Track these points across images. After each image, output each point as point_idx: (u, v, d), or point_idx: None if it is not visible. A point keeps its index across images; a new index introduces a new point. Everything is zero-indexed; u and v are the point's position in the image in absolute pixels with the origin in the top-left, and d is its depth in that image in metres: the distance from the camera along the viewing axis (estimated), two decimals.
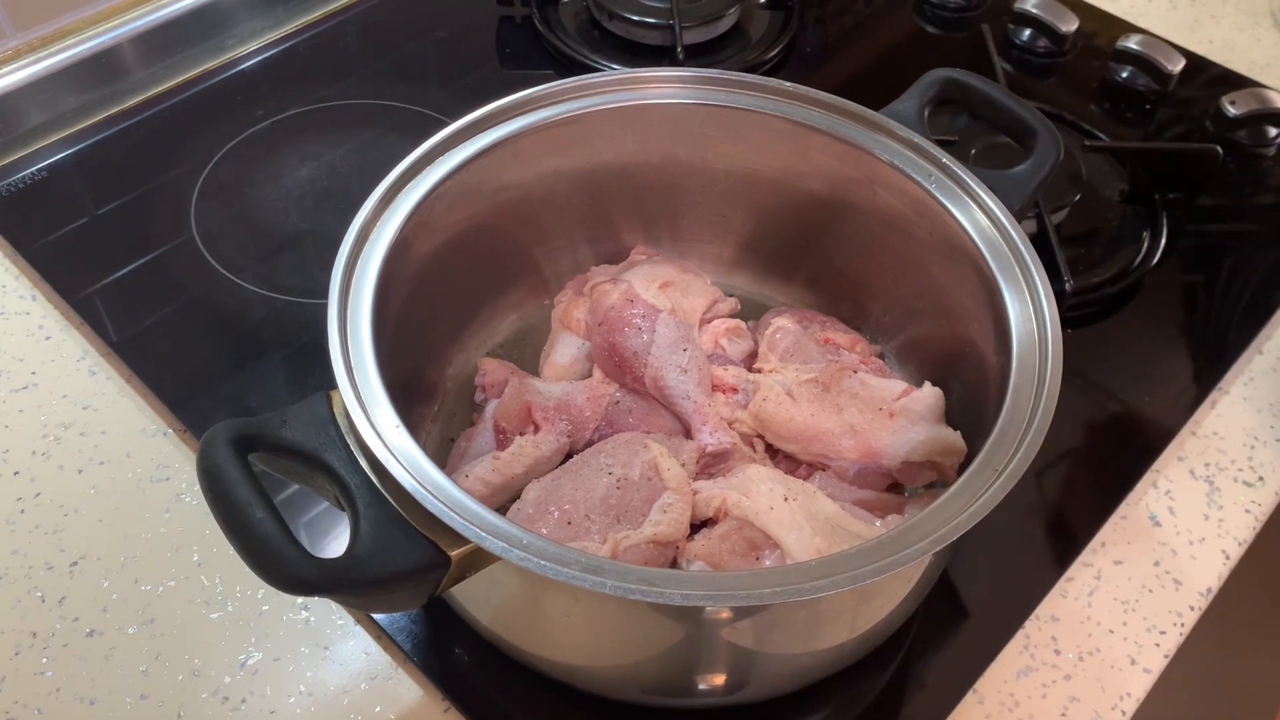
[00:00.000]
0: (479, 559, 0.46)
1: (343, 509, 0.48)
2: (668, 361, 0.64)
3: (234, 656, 0.59)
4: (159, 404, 0.69)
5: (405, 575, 0.45)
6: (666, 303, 0.66)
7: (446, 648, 0.59)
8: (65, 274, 0.76)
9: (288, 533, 0.44)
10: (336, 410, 0.49)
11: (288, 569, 0.44)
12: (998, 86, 0.66)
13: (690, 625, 0.49)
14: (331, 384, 0.50)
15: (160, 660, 0.58)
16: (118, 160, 0.85)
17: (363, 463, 0.48)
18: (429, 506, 0.45)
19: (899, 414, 0.61)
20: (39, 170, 0.83)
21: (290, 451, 0.48)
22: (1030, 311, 0.55)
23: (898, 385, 0.63)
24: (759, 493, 0.58)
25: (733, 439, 0.63)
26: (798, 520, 0.56)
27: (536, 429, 0.62)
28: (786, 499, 0.57)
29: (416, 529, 0.46)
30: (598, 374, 0.66)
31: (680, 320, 0.66)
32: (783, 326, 0.68)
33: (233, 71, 0.93)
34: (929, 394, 0.62)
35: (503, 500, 0.60)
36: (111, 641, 0.59)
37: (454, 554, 0.46)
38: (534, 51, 0.97)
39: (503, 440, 0.61)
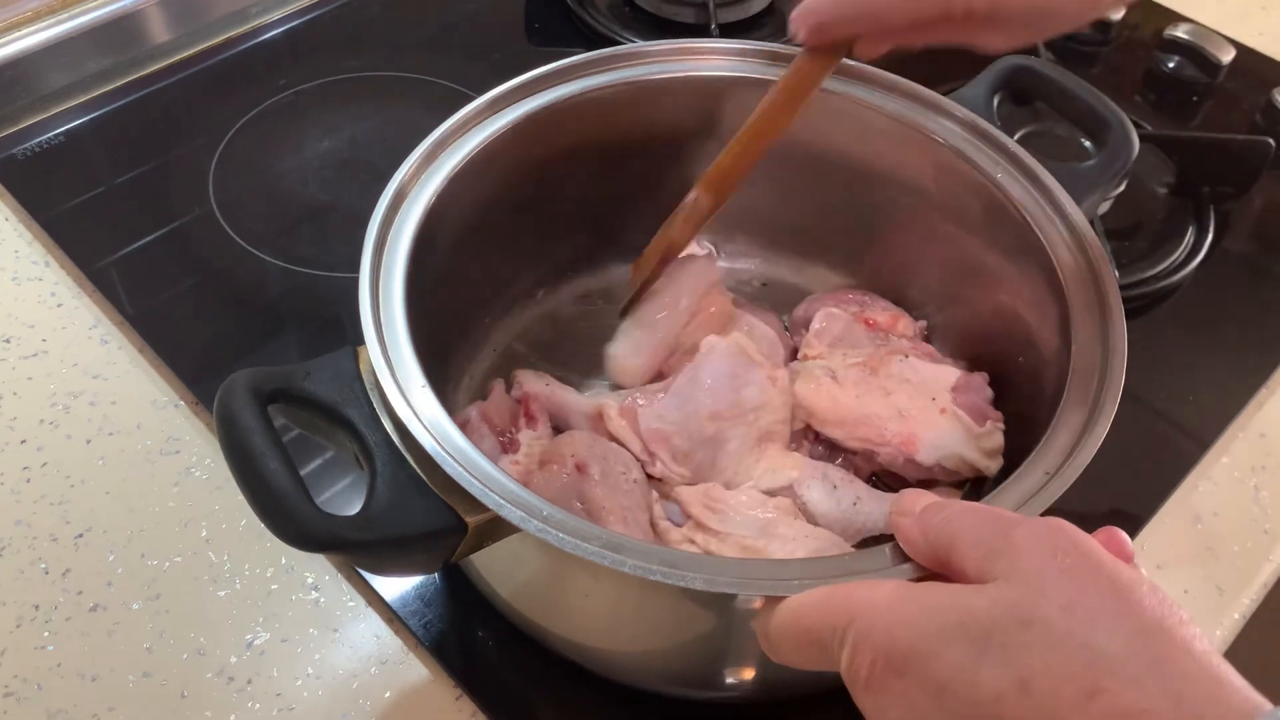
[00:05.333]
0: (497, 528, 0.44)
1: (362, 467, 0.47)
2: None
3: (241, 636, 0.57)
4: (171, 375, 0.67)
5: (419, 538, 0.44)
6: None
7: (460, 634, 0.57)
8: (79, 240, 0.74)
9: (301, 486, 0.43)
10: (363, 366, 0.48)
11: (298, 523, 0.42)
12: (1073, 77, 0.63)
13: (715, 612, 0.47)
14: (359, 340, 0.48)
15: (164, 638, 0.57)
16: (135, 127, 0.83)
17: (385, 421, 0.46)
18: (448, 469, 0.43)
19: (950, 414, 0.59)
20: (55, 135, 0.81)
21: (312, 404, 0.47)
22: (1097, 318, 0.53)
23: (951, 372, 0.60)
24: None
25: None
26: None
27: (531, 421, 0.60)
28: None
29: (435, 492, 0.44)
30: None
31: None
32: (831, 313, 0.66)
33: (256, 41, 0.92)
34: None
35: None
36: (115, 617, 0.57)
37: (471, 521, 0.44)
38: (563, 27, 0.95)
39: (505, 443, 0.59)
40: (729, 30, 0.92)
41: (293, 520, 0.42)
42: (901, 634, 0.34)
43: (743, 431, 0.59)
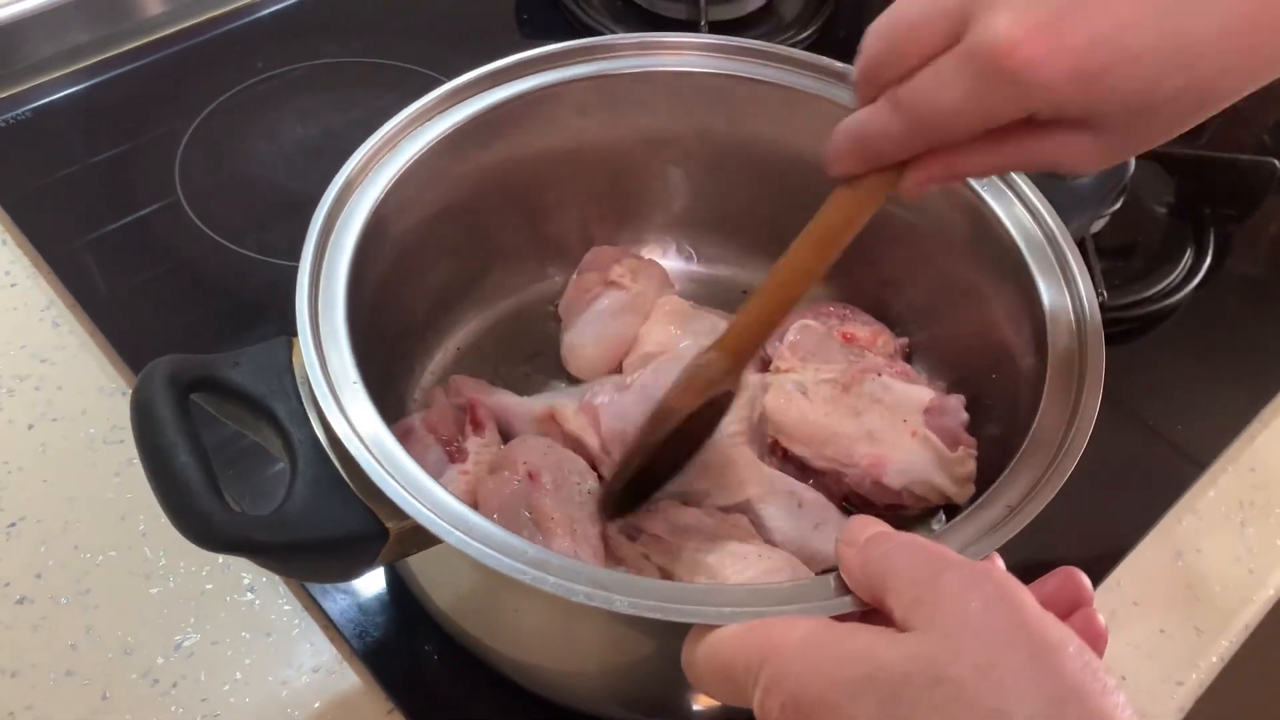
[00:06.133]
0: (421, 536, 0.42)
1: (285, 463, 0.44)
2: None
3: (170, 636, 0.55)
4: (120, 362, 0.65)
5: (335, 543, 0.42)
6: None
7: (398, 646, 0.55)
8: (39, 220, 0.72)
9: (213, 483, 0.41)
10: (296, 359, 0.46)
11: (203, 520, 0.40)
12: None
13: (647, 635, 0.44)
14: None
15: (91, 634, 0.54)
16: (104, 107, 0.81)
17: (313, 418, 0.44)
18: (370, 472, 0.41)
19: (921, 437, 0.56)
20: (23, 112, 0.79)
21: (237, 395, 0.45)
22: (1074, 335, 0.50)
23: (924, 393, 0.58)
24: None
25: None
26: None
27: (479, 428, 0.57)
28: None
29: (356, 495, 0.42)
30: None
31: None
32: (807, 325, 0.63)
33: (241, 22, 0.89)
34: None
35: None
36: (42, 611, 0.55)
37: (393, 528, 0.42)
38: (554, 20, 0.92)
39: (452, 452, 0.56)
40: (720, 29, 0.90)
41: (197, 518, 0.40)
42: (811, 682, 0.32)
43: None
